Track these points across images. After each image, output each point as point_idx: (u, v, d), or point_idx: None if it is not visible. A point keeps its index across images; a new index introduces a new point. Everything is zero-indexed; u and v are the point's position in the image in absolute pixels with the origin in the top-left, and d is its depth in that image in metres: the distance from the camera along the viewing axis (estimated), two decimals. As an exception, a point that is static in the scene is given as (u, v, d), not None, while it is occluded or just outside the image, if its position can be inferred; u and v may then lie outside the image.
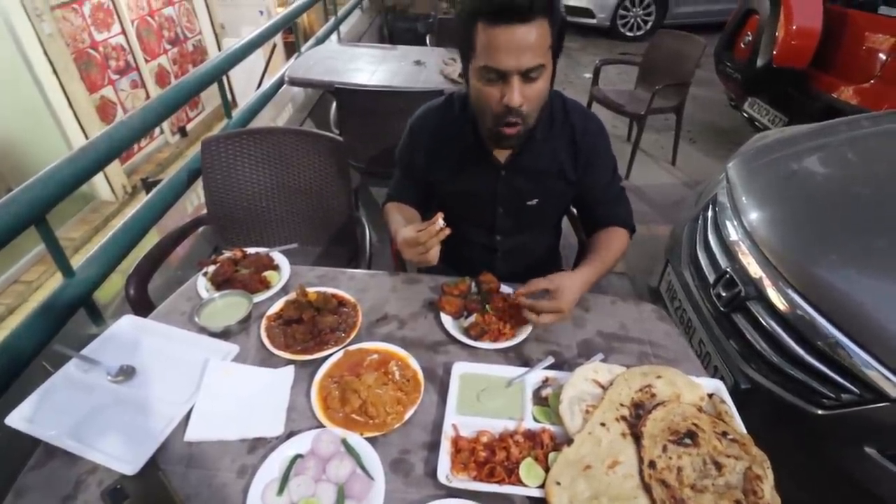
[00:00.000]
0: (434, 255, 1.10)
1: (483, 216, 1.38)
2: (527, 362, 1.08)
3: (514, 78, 1.06)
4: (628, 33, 7.42)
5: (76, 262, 1.55)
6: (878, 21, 3.14)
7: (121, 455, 0.86)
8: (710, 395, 0.97)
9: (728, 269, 1.55)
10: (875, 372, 1.16)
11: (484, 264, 1.32)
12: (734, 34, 3.88)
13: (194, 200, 2.35)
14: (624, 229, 1.38)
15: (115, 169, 4.61)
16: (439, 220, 1.06)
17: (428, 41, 4.50)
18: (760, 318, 1.41)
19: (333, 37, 4.65)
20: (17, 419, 0.90)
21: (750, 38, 3.61)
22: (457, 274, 1.30)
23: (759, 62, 3.43)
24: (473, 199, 1.36)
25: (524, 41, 1.02)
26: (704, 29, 5.89)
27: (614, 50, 7.01)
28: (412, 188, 1.43)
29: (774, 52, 3.35)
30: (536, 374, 1.02)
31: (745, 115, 3.92)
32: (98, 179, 4.41)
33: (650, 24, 7.34)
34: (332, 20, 4.68)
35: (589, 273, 1.21)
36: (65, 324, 1.45)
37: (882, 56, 3.07)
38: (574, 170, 1.32)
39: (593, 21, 7.35)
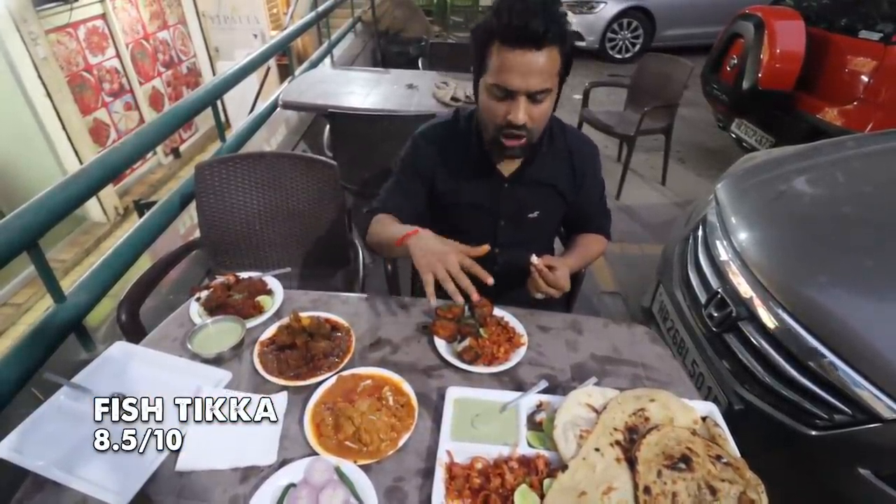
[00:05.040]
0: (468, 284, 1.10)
1: (485, 229, 1.39)
2: (521, 386, 1.08)
3: (521, 97, 1.12)
4: (617, 55, 7.55)
5: (66, 284, 1.54)
6: (859, 45, 3.22)
7: (110, 486, 0.84)
8: (704, 419, 0.97)
9: (719, 290, 1.56)
10: (866, 392, 1.17)
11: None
12: (720, 57, 3.95)
13: (186, 222, 2.34)
14: (603, 236, 1.51)
15: (107, 190, 4.62)
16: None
17: (420, 64, 4.55)
18: (752, 339, 1.42)
19: (327, 60, 4.69)
20: (6, 449, 0.89)
21: (735, 62, 3.69)
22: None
23: (745, 85, 3.50)
24: (476, 212, 1.39)
25: (535, 66, 1.08)
26: (691, 51, 6.03)
27: (603, 72, 7.13)
28: (410, 195, 1.40)
29: (759, 75, 3.42)
30: (530, 399, 1.02)
31: (733, 135, 3.98)
32: (90, 201, 4.40)
33: (638, 46, 7.48)
34: (325, 44, 4.74)
35: (573, 262, 1.35)
36: (55, 350, 1.43)
37: (864, 78, 3.14)
38: (570, 189, 1.39)
39: (583, 44, 7.48)
